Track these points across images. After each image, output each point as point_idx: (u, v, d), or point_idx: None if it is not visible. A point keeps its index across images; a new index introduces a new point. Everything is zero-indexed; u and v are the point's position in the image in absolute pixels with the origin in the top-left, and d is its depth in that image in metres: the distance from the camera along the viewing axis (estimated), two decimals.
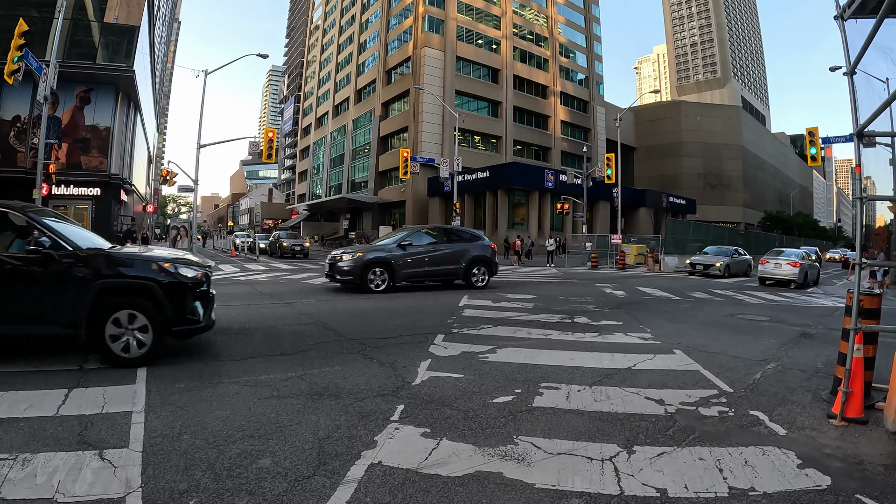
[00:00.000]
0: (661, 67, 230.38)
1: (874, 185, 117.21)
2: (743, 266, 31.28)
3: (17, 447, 4.19)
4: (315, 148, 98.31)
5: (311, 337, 9.02)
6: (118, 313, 6.76)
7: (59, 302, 6.72)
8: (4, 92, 33.35)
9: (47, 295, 6.72)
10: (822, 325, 12.25)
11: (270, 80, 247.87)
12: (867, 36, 5.55)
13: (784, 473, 4.11)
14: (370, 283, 15.75)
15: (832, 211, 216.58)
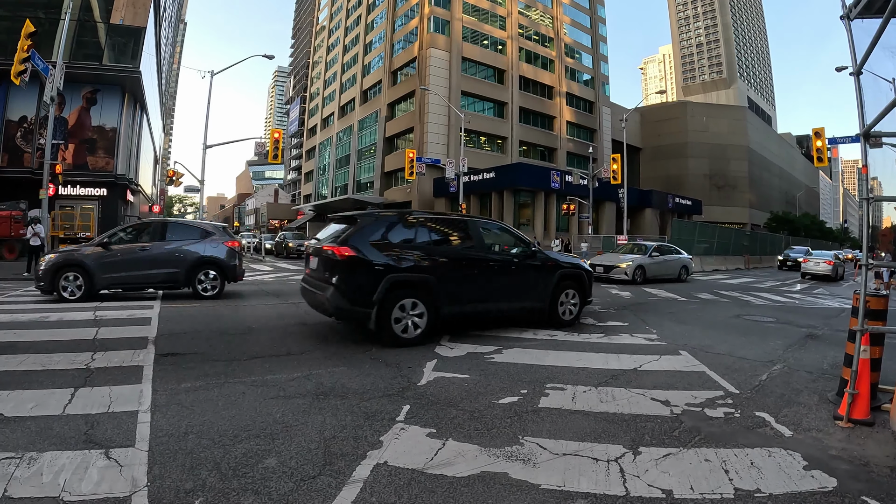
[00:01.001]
0: (666, 68, 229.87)
1: (880, 185, 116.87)
2: (670, 269, 24.58)
3: (23, 446, 4.21)
4: (321, 148, 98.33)
5: (317, 337, 9.03)
6: (567, 290, 10.99)
7: (537, 288, 10.58)
8: (11, 93, 33.51)
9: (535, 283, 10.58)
10: (829, 326, 12.20)
11: (276, 80, 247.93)
12: (874, 36, 5.54)
13: (790, 475, 4.10)
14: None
15: (838, 212, 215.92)
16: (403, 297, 8.66)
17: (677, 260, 25.47)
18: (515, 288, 10.29)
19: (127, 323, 10.01)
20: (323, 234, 10.01)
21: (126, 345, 7.96)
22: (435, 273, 9.07)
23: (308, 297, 9.61)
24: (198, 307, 12.40)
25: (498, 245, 10.67)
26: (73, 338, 8.45)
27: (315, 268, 9.45)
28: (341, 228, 9.30)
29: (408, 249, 9.03)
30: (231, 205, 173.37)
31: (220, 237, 14.93)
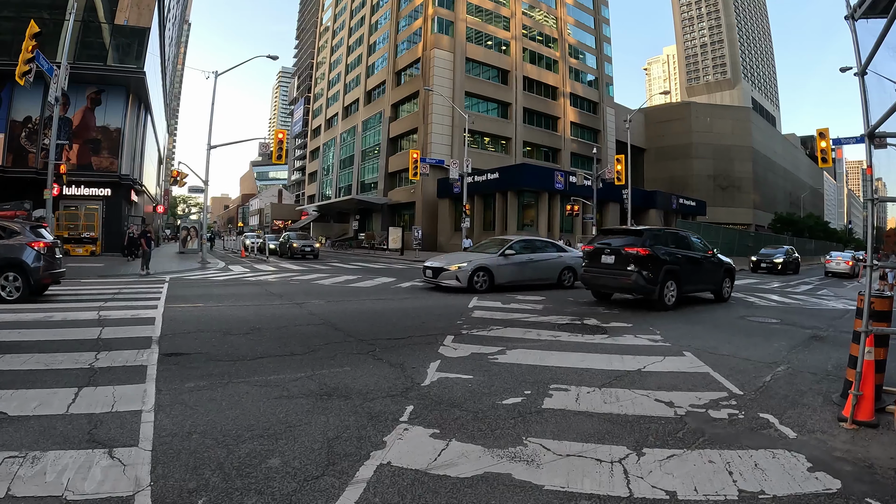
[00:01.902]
0: (670, 68, 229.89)
1: (885, 186, 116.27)
2: (539, 272, 18.90)
3: (26, 445, 4.21)
4: (325, 149, 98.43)
5: (321, 337, 9.04)
6: (725, 278, 17.12)
7: (715, 276, 16.54)
8: (16, 93, 33.61)
9: (714, 273, 16.57)
10: (833, 327, 12.18)
11: (280, 81, 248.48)
12: (878, 36, 5.52)
13: (794, 476, 4.09)
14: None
15: (842, 213, 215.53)
16: (668, 280, 14.28)
17: (554, 260, 19.23)
18: (709, 275, 16.38)
19: (131, 323, 10.03)
20: (598, 241, 15.79)
21: (130, 344, 7.98)
22: (679, 265, 14.79)
23: (601, 280, 15.13)
24: (202, 308, 12.43)
25: (700, 249, 16.40)
26: (76, 337, 8.46)
27: (612, 262, 14.60)
28: (631, 238, 14.73)
29: (666, 250, 14.62)
30: (235, 205, 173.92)
31: (26, 237, 13.38)
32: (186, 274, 22.64)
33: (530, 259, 18.67)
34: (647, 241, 14.25)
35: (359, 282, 19.86)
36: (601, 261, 14.89)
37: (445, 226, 59.18)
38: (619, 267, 14.27)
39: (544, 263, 19.06)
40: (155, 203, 60.72)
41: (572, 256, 19.89)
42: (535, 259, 18.82)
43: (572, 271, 19.44)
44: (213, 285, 18.09)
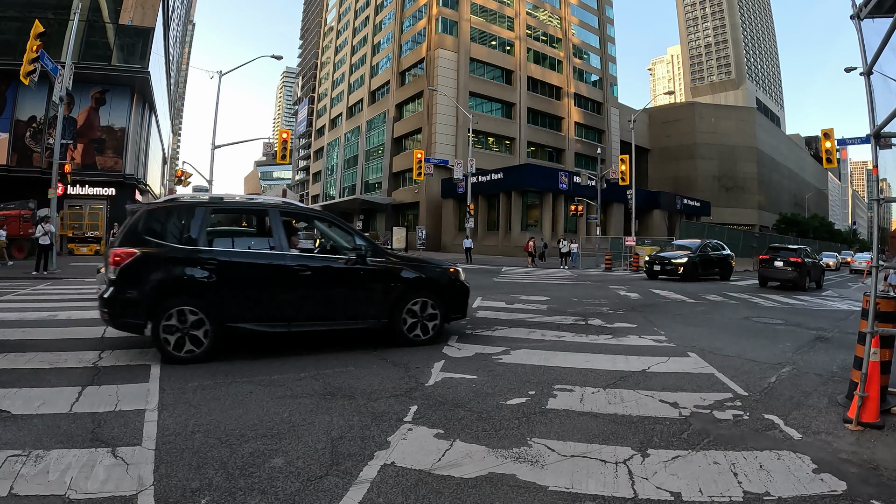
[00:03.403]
0: (675, 69, 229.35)
1: (889, 187, 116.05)
2: None
3: (30, 444, 4.21)
4: (329, 149, 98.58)
5: (325, 337, 9.02)
6: None
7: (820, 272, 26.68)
8: (21, 93, 33.76)
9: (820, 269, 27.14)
10: (838, 328, 12.13)
11: (284, 81, 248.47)
12: (884, 35, 5.50)
13: (799, 478, 4.06)
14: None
15: (847, 213, 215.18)
16: (808, 275, 23.59)
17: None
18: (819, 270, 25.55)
19: None
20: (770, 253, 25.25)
21: (133, 344, 7.97)
22: (812, 268, 24.14)
23: (774, 274, 24.28)
24: None
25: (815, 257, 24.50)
26: (81, 336, 8.48)
27: (782, 265, 23.84)
28: (791, 252, 24.35)
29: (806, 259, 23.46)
30: None
31: None
32: None
33: None
34: (801, 254, 23.95)
35: None
36: (773, 265, 24.22)
37: (449, 226, 59.26)
38: (783, 266, 23.87)
39: None
40: None
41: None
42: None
43: None
44: None
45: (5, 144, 33.98)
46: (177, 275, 7.25)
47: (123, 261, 7.06)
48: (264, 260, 7.82)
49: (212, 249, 7.65)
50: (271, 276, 7.78)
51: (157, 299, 7.06)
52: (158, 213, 7.72)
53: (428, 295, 8.88)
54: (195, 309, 7.13)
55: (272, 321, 7.78)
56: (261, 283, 7.77)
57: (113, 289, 7.05)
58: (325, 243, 9.48)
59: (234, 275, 7.60)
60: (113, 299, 7.05)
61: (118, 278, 7.03)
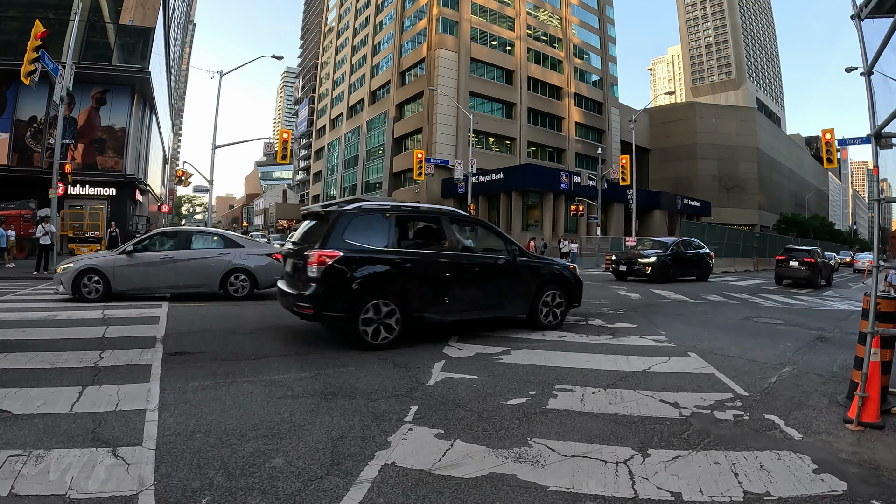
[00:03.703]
0: (675, 69, 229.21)
1: (890, 187, 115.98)
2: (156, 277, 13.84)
3: (30, 443, 4.22)
4: (329, 149, 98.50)
5: (326, 337, 9.04)
6: None
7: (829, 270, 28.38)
8: (21, 93, 33.75)
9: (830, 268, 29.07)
10: (839, 328, 12.13)
11: (285, 81, 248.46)
12: (885, 35, 5.50)
13: (799, 478, 4.07)
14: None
15: (848, 213, 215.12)
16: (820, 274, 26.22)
17: (212, 259, 14.30)
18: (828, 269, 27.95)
19: (135, 322, 10.05)
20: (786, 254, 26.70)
21: (134, 343, 8.00)
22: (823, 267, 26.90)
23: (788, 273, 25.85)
24: (206, 307, 12.44)
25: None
26: (81, 336, 8.49)
27: (796, 265, 25.45)
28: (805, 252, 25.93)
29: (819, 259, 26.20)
30: (240, 205, 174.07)
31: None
32: None
33: (171, 258, 13.85)
34: (814, 254, 25.79)
35: None
36: (789, 264, 25.81)
37: None
38: (798, 266, 25.52)
39: (194, 264, 14.04)
40: (160, 203, 60.91)
41: (248, 254, 14.56)
42: (178, 258, 13.91)
43: (248, 274, 14.30)
44: None
45: (6, 144, 33.98)
46: (374, 273, 8.38)
47: (327, 261, 8.04)
48: (443, 259, 9.16)
49: (400, 250, 8.85)
50: (448, 273, 9.12)
51: (356, 295, 8.14)
52: (357, 219, 8.73)
53: (556, 287, 10.58)
54: (388, 302, 8.30)
55: (447, 312, 9.19)
56: (440, 278, 9.06)
57: (317, 286, 8.04)
58: (480, 245, 10.67)
59: (421, 272, 8.85)
60: (318, 295, 8.03)
61: (323, 277, 8.02)
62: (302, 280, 8.36)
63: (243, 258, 14.29)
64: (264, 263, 14.32)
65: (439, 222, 9.60)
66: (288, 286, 8.98)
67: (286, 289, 8.94)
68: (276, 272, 13.84)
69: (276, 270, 13.91)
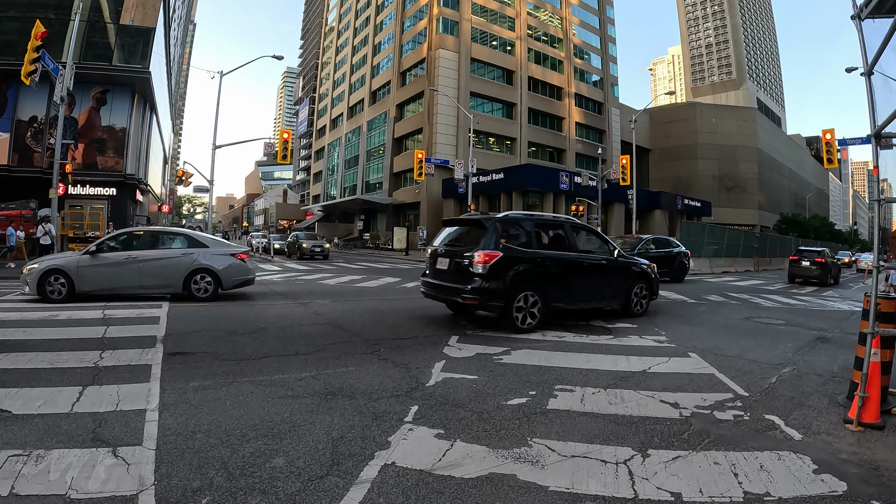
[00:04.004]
0: (675, 69, 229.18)
1: (890, 187, 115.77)
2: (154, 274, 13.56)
3: (31, 443, 4.22)
4: (330, 149, 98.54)
5: (326, 337, 9.04)
6: None
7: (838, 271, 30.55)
8: (21, 93, 33.72)
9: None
10: (839, 328, 12.13)
11: (285, 81, 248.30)
12: (885, 36, 5.50)
13: (799, 478, 4.07)
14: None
15: (848, 214, 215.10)
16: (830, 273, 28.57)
17: (176, 259, 13.73)
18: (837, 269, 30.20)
19: (135, 322, 10.04)
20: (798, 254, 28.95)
21: (135, 343, 7.99)
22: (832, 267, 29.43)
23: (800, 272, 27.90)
24: (206, 307, 12.44)
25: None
26: (81, 336, 8.49)
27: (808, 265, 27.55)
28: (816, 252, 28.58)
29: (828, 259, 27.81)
30: (240, 205, 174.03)
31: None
32: None
33: (134, 258, 13.40)
34: (825, 255, 28.10)
35: (364, 282, 19.86)
36: (801, 264, 27.98)
37: None
38: (810, 266, 27.65)
39: (157, 264, 13.55)
40: (160, 202, 60.90)
41: (212, 254, 14.01)
42: (141, 258, 13.45)
43: (211, 275, 13.77)
44: None
45: (6, 144, 33.95)
46: (523, 270, 10.19)
47: (490, 260, 9.78)
48: (569, 259, 11.12)
49: (540, 251, 10.77)
50: (572, 271, 11.13)
51: (511, 287, 9.93)
52: (508, 226, 10.58)
53: (644, 282, 12.83)
54: (534, 293, 10.18)
55: (570, 302, 11.23)
56: (567, 275, 10.97)
57: (481, 280, 9.76)
58: (589, 248, 12.26)
59: (555, 269, 10.71)
60: (482, 288, 9.73)
61: (486, 273, 9.75)
62: (465, 276, 10.07)
63: (207, 258, 13.87)
64: (228, 264, 14.05)
65: (564, 229, 11.60)
66: (442, 281, 10.84)
67: (440, 283, 10.88)
68: (241, 272, 14.17)
69: (240, 271, 14.17)
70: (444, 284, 10.72)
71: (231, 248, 14.74)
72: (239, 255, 14.31)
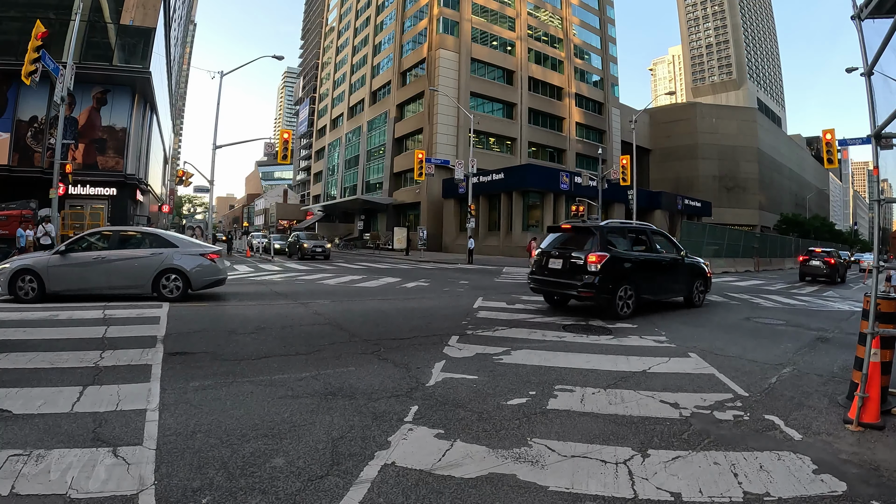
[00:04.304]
0: (676, 69, 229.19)
1: (891, 187, 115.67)
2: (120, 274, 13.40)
3: (31, 443, 4.23)
4: (330, 149, 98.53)
5: (326, 337, 9.04)
6: None
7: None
8: (22, 93, 33.76)
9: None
10: (839, 329, 12.14)
11: (286, 81, 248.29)
12: (885, 36, 5.50)
13: (799, 479, 4.07)
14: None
15: (848, 214, 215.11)
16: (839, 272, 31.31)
17: (144, 259, 13.58)
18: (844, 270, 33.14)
19: (136, 322, 10.04)
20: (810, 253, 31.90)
21: (135, 343, 8.00)
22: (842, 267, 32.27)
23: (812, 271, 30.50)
24: (207, 307, 12.44)
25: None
26: (82, 336, 8.48)
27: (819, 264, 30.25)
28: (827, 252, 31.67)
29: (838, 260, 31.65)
30: (240, 205, 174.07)
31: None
32: None
33: (103, 258, 13.31)
34: (833, 255, 30.32)
35: (364, 282, 19.86)
36: (811, 263, 30.72)
37: (451, 226, 59.16)
38: (822, 266, 30.10)
39: (126, 264, 13.44)
40: (160, 202, 60.90)
41: (181, 254, 13.82)
42: (111, 258, 13.36)
43: (180, 275, 13.58)
44: None
45: (7, 144, 33.98)
46: (623, 268, 12.53)
47: (601, 260, 11.98)
48: (654, 258, 13.85)
49: (633, 253, 13.29)
50: (655, 268, 13.88)
51: (616, 282, 12.17)
52: (609, 232, 12.93)
53: (701, 278, 15.44)
54: (630, 287, 12.48)
55: (653, 294, 13.85)
56: (652, 271, 13.69)
57: (594, 277, 11.92)
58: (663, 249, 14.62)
59: (644, 267, 13.32)
60: (595, 284, 11.91)
61: (599, 271, 11.92)
62: (578, 273, 12.23)
63: (176, 258, 13.63)
64: (197, 264, 13.84)
65: (646, 234, 14.18)
66: (555, 278, 12.91)
67: (553, 279, 12.97)
68: (211, 273, 13.98)
69: (210, 271, 13.98)
70: (558, 281, 12.81)
71: (201, 248, 14.51)
72: (209, 255, 14.12)
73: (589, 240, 12.57)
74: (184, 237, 15.24)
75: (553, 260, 13.06)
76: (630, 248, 13.36)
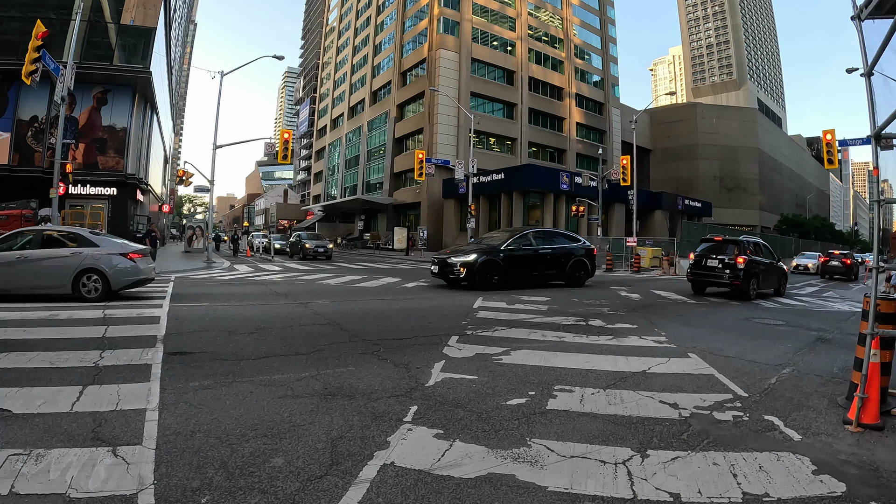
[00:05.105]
0: (676, 69, 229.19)
1: (891, 188, 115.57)
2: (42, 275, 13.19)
3: (31, 443, 4.23)
4: (330, 149, 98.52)
5: (326, 337, 9.04)
6: None
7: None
8: (22, 93, 33.73)
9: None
10: (839, 329, 12.14)
11: (286, 81, 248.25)
12: (885, 36, 5.50)
13: (799, 479, 4.07)
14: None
15: (848, 214, 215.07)
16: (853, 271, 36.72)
17: (64, 259, 13.27)
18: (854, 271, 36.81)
19: (136, 321, 10.06)
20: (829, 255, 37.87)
21: (135, 343, 8.00)
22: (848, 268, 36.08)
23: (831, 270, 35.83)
24: (207, 307, 12.45)
25: None
26: (82, 336, 8.49)
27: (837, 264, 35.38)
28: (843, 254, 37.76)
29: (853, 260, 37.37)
30: (241, 205, 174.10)
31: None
32: (191, 273, 22.68)
33: (25, 258, 13.01)
34: (850, 256, 34.15)
35: (364, 282, 19.87)
36: (831, 263, 35.14)
37: (451, 226, 59.19)
38: (840, 266, 34.21)
39: (46, 264, 13.14)
40: (161, 202, 60.90)
41: (101, 253, 13.48)
42: (32, 258, 13.08)
43: (100, 275, 13.23)
44: (218, 284, 18.12)
45: (7, 144, 33.95)
46: (754, 268, 18.60)
47: (744, 262, 17.90)
48: (764, 262, 19.82)
49: (755, 258, 18.88)
50: (765, 268, 19.54)
51: (750, 276, 18.22)
52: (745, 242, 18.98)
53: (784, 276, 21.61)
54: (755, 280, 18.64)
55: (762, 287, 19.54)
56: (764, 271, 19.40)
57: (740, 272, 17.89)
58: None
59: (760, 267, 19.12)
60: (740, 276, 17.86)
61: (743, 268, 17.89)
62: (729, 269, 18.10)
63: (95, 258, 13.29)
64: (117, 264, 13.50)
65: (758, 245, 20.14)
66: (711, 272, 18.73)
67: (710, 273, 18.80)
68: (131, 273, 13.68)
69: (131, 271, 13.70)
70: (714, 274, 18.68)
71: (123, 247, 14.13)
72: (130, 255, 13.83)
73: (732, 247, 18.72)
74: (107, 237, 14.93)
75: (709, 260, 18.92)
76: (753, 255, 18.95)
